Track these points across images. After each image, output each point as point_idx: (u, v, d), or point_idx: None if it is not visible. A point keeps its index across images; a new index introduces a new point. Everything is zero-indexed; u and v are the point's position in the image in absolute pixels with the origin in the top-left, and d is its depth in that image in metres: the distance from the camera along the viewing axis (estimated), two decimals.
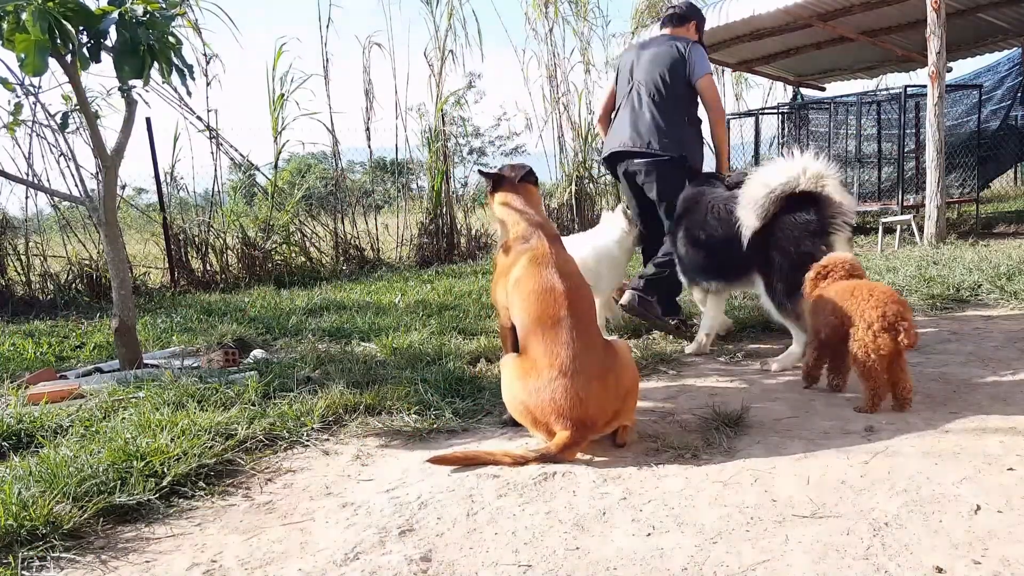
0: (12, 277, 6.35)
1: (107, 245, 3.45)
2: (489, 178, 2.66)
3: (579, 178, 9.25)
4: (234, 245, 7.32)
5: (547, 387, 2.12)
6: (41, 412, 2.64)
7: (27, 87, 5.40)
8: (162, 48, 3.07)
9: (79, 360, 3.92)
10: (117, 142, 3.42)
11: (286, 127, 7.73)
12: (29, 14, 2.67)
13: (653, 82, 3.76)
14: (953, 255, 5.87)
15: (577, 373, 2.11)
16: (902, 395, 2.40)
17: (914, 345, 2.33)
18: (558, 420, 2.10)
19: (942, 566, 1.46)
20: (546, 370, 2.14)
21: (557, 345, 2.16)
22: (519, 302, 2.32)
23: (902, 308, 2.35)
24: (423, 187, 9.74)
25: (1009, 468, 1.91)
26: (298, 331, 4.33)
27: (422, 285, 6.18)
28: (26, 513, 1.77)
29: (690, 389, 2.89)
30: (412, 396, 2.72)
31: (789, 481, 1.92)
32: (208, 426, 2.37)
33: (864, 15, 8.42)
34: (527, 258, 2.37)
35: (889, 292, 2.43)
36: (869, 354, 2.36)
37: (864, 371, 2.41)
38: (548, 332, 2.20)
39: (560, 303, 2.23)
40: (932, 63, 6.76)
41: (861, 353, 2.38)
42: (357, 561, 1.63)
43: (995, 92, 9.73)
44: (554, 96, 9.46)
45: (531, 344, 2.24)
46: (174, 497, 2.01)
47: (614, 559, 1.58)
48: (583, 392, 2.10)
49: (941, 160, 6.87)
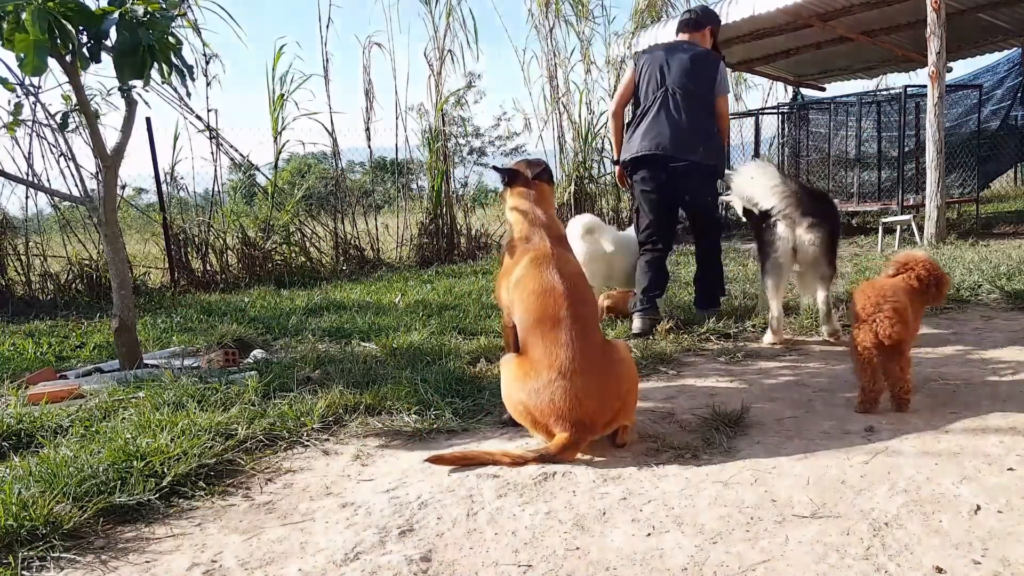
0: (12, 277, 6.34)
1: (107, 245, 3.45)
2: (504, 174, 2.63)
3: (579, 178, 9.25)
4: (234, 245, 7.32)
5: (546, 388, 2.11)
6: (41, 412, 2.64)
7: (27, 87, 5.41)
8: (162, 48, 3.07)
9: (79, 360, 3.92)
10: (117, 142, 3.42)
11: (286, 127, 7.74)
12: (29, 14, 2.67)
13: (689, 91, 3.84)
14: (953, 255, 5.87)
15: (576, 374, 2.11)
16: (899, 395, 2.40)
17: (891, 341, 2.29)
18: (557, 421, 2.10)
19: (942, 566, 1.46)
20: (545, 371, 2.14)
21: (556, 346, 2.16)
22: (520, 302, 2.32)
23: (881, 301, 2.33)
24: (423, 187, 9.74)
25: (1009, 468, 1.91)
26: (298, 331, 4.33)
27: (422, 285, 6.18)
28: (26, 513, 1.77)
29: (690, 389, 2.89)
30: (412, 396, 2.72)
31: (789, 481, 1.92)
32: (208, 426, 2.37)
33: (864, 15, 8.42)
34: (529, 258, 2.37)
35: (879, 286, 2.42)
36: (855, 349, 2.37)
37: (854, 367, 2.42)
38: (548, 333, 2.20)
39: (560, 304, 2.22)
40: (932, 63, 6.76)
41: (851, 349, 2.40)
42: (357, 561, 1.63)
43: (995, 92, 9.74)
44: (554, 96, 9.46)
45: (531, 344, 2.24)
46: (174, 497, 2.00)
47: (614, 559, 1.58)
48: (582, 393, 2.09)
49: (941, 160, 6.88)
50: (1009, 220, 8.64)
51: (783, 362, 3.25)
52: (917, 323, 2.52)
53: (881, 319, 2.30)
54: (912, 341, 2.44)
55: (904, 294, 2.41)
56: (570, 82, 9.61)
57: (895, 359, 2.35)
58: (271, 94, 7.65)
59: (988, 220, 8.67)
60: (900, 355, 2.35)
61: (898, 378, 2.38)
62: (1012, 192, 12.16)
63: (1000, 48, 9.90)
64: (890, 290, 2.39)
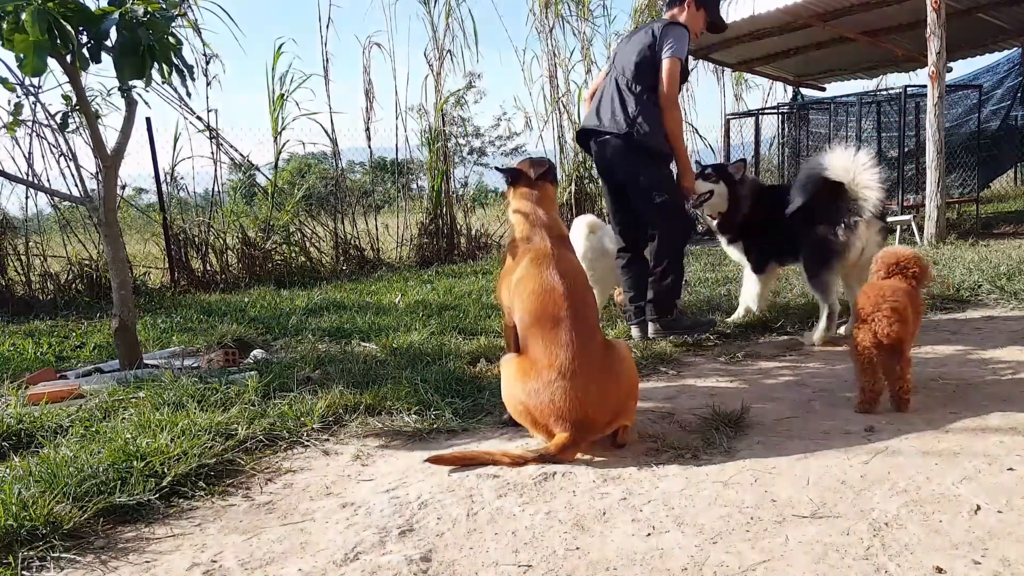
0: (12, 277, 6.34)
1: (107, 245, 3.45)
2: (507, 174, 2.61)
3: (579, 178, 9.25)
4: (234, 245, 7.32)
5: (546, 388, 2.11)
6: (41, 412, 2.64)
7: (27, 87, 5.41)
8: (162, 48, 3.07)
9: (79, 360, 3.92)
10: (117, 142, 3.42)
11: (286, 127, 7.74)
12: (28, 14, 2.67)
13: (629, 68, 3.53)
14: (953, 255, 5.87)
15: (576, 374, 2.11)
16: (899, 395, 2.40)
17: (890, 340, 2.29)
18: (557, 421, 2.10)
19: (942, 566, 1.46)
20: (545, 371, 2.14)
21: (557, 346, 2.16)
22: (520, 302, 2.31)
23: (880, 301, 2.33)
24: (423, 187, 9.74)
25: (1009, 468, 1.91)
26: (298, 331, 4.33)
27: (422, 285, 6.18)
28: (26, 513, 1.77)
29: (690, 389, 2.89)
30: (412, 396, 2.72)
31: (789, 481, 1.92)
32: (208, 426, 2.37)
33: (864, 15, 8.42)
34: (529, 258, 2.37)
35: (879, 287, 2.42)
36: (855, 349, 2.38)
37: (855, 367, 2.43)
38: (548, 332, 2.20)
39: (560, 304, 2.22)
40: (932, 63, 6.76)
41: (851, 349, 2.41)
42: (357, 561, 1.63)
43: (995, 92, 9.74)
44: (554, 96, 9.46)
45: (531, 344, 2.24)
46: (174, 497, 2.00)
47: (614, 559, 1.58)
48: (582, 393, 2.09)
49: (941, 160, 6.87)
50: (1009, 220, 8.64)
51: (783, 362, 3.25)
52: (917, 322, 2.52)
53: (880, 319, 2.30)
54: (912, 341, 2.44)
55: (904, 295, 2.41)
56: (570, 82, 9.62)
57: (895, 359, 2.36)
58: (271, 94, 7.66)
59: (988, 220, 8.67)
60: (900, 355, 2.35)
61: (898, 378, 2.38)
62: (1012, 192, 12.15)
63: (1000, 48, 9.90)
64: (889, 290, 2.39)
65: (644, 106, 3.50)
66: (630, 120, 3.49)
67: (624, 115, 3.51)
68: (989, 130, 9.37)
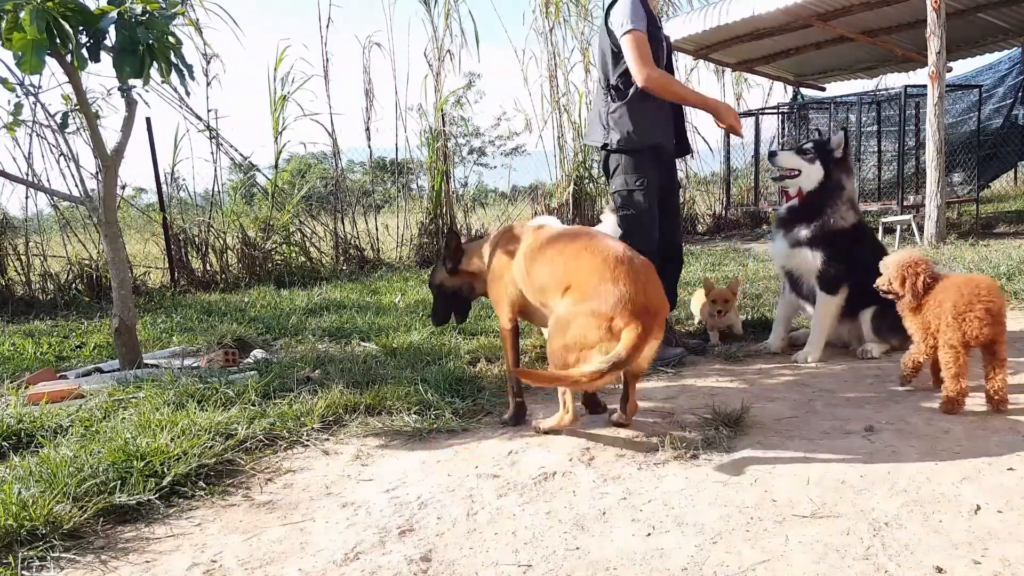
0: (12, 277, 6.34)
1: (107, 245, 3.45)
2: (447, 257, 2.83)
3: (579, 178, 9.25)
4: (234, 245, 7.32)
5: (606, 291, 2.11)
6: (41, 412, 2.64)
7: (27, 87, 5.40)
8: (162, 48, 3.07)
9: (79, 360, 3.92)
10: (117, 142, 3.42)
11: (286, 127, 7.74)
12: (27, 13, 2.67)
13: (599, 67, 3.38)
14: (953, 255, 5.87)
15: (627, 273, 2.14)
16: (996, 396, 2.35)
17: (980, 341, 2.29)
18: (623, 313, 2.06)
19: (942, 566, 1.46)
20: (599, 283, 2.15)
21: (595, 260, 2.22)
22: (543, 267, 2.38)
23: (973, 300, 2.29)
24: (423, 187, 9.74)
25: (1009, 468, 1.91)
26: (298, 331, 4.33)
27: (422, 285, 6.18)
28: (26, 513, 1.77)
29: (690, 389, 2.89)
30: (412, 396, 2.72)
31: (789, 481, 1.92)
32: (208, 426, 2.37)
33: (864, 15, 8.42)
34: (528, 240, 2.51)
35: (974, 283, 2.37)
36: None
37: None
38: (575, 262, 2.28)
39: (571, 245, 2.34)
40: (932, 63, 6.76)
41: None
42: (357, 561, 1.63)
43: (996, 90, 9.73)
44: (554, 96, 9.46)
45: (572, 284, 2.24)
46: (174, 497, 2.01)
47: (614, 559, 1.58)
48: (644, 278, 2.16)
49: (941, 160, 6.87)
50: (1009, 220, 8.64)
51: (783, 362, 3.25)
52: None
53: (971, 319, 2.26)
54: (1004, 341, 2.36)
55: (999, 294, 2.33)
56: (570, 83, 9.62)
57: (988, 358, 2.32)
58: (272, 94, 7.65)
59: (988, 220, 8.67)
60: (993, 355, 2.31)
61: (993, 376, 2.32)
62: (1012, 192, 12.15)
63: (1000, 48, 9.89)
64: (985, 288, 2.32)
65: (607, 113, 3.33)
66: (604, 131, 3.36)
67: (600, 123, 3.39)
68: (990, 128, 9.36)
